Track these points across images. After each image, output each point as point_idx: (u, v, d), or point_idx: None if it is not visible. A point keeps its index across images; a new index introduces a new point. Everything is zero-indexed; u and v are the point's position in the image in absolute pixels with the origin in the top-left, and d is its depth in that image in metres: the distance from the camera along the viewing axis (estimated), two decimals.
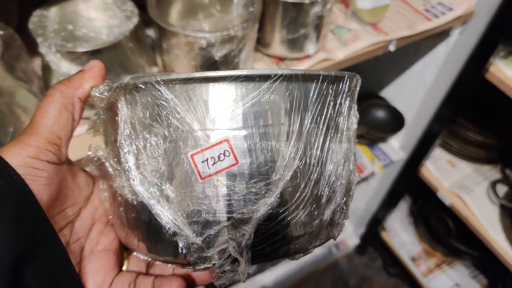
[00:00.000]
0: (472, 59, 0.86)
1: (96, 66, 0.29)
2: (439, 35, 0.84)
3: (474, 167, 1.16)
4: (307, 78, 0.25)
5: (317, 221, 0.27)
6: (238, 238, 0.24)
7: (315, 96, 0.26)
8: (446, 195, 1.08)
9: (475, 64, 0.86)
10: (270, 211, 0.25)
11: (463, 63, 0.88)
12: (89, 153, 0.30)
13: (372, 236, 1.47)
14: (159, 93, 0.24)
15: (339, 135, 0.28)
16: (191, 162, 0.24)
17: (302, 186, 0.26)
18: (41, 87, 0.53)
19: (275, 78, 0.24)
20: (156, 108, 0.24)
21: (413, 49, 0.94)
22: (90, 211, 0.31)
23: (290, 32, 0.61)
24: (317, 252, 1.46)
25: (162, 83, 0.24)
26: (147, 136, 0.25)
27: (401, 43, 0.73)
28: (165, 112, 0.24)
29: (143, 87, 0.24)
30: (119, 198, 0.28)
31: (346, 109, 0.28)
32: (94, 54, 0.47)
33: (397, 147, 1.14)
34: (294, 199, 0.26)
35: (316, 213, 0.27)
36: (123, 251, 0.33)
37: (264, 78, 0.24)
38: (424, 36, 0.75)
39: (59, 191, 0.27)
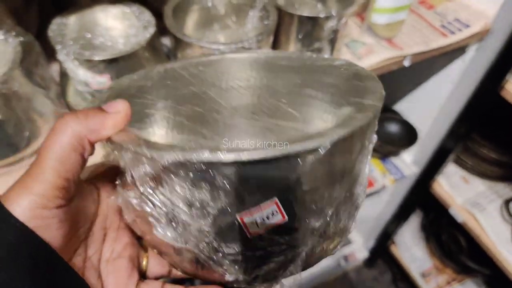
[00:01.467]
0: (488, 76, 0.86)
1: (121, 112, 0.25)
2: (455, 51, 0.84)
3: (488, 185, 1.14)
4: (346, 142, 0.24)
5: (339, 242, 0.30)
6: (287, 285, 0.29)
7: (353, 154, 0.26)
8: (459, 212, 1.07)
9: (491, 81, 0.85)
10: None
11: (479, 80, 0.87)
12: (118, 199, 0.28)
13: (382, 249, 1.45)
14: (200, 172, 0.23)
15: (369, 159, 0.29)
16: (241, 223, 0.24)
17: (331, 228, 0.27)
18: (58, 93, 0.54)
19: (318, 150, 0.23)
20: (203, 183, 0.23)
21: (428, 64, 0.93)
22: (101, 222, 0.30)
23: (304, 45, 0.61)
24: (326, 264, 1.44)
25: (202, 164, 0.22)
26: (192, 199, 0.24)
27: (416, 58, 0.72)
28: (213, 185, 0.23)
29: (194, 165, 0.22)
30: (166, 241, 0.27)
31: (367, 157, 0.29)
32: (111, 62, 0.48)
33: (409, 162, 1.13)
34: (325, 236, 0.27)
35: (337, 240, 0.29)
36: (139, 253, 0.32)
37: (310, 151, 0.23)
38: (439, 52, 0.75)
39: (72, 223, 0.26)
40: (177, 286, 0.30)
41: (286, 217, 0.24)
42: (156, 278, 0.32)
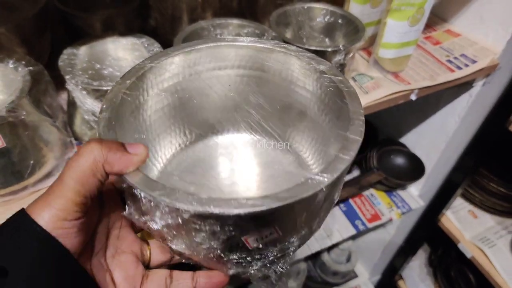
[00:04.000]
0: (495, 111, 0.85)
1: (139, 156, 0.28)
2: (462, 86, 0.84)
3: (498, 220, 1.12)
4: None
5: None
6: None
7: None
8: (468, 248, 1.04)
9: (498, 116, 0.85)
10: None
11: (486, 114, 0.87)
12: (135, 217, 0.30)
13: (388, 284, 1.41)
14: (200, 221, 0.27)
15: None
16: (244, 242, 0.29)
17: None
18: (65, 121, 0.54)
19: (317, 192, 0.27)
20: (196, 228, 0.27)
21: (435, 98, 0.94)
22: (104, 222, 0.32)
23: None
24: None
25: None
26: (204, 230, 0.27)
27: (423, 92, 0.72)
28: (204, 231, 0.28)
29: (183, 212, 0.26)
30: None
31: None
32: None
33: (416, 195, 1.11)
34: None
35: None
36: (142, 247, 0.34)
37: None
38: (446, 86, 0.75)
39: (87, 231, 0.29)
40: (184, 272, 0.34)
41: (281, 233, 0.29)
42: (159, 266, 0.35)
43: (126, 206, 0.31)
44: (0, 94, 0.51)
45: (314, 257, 1.41)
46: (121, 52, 0.56)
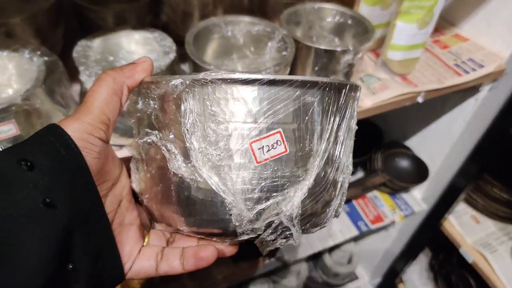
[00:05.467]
0: (501, 116, 0.86)
1: (147, 61, 0.32)
2: (468, 90, 0.84)
3: (500, 226, 1.12)
4: (339, 86, 0.31)
5: (333, 201, 0.33)
6: (288, 211, 0.30)
7: (343, 102, 0.31)
8: (469, 252, 1.05)
9: (504, 121, 0.85)
10: (308, 191, 0.30)
11: (491, 119, 0.87)
12: (138, 139, 0.33)
13: (389, 287, 1.42)
14: (224, 89, 0.28)
15: (350, 133, 0.34)
16: (250, 149, 0.29)
17: (328, 172, 0.32)
18: None
19: (321, 84, 0.29)
20: (221, 102, 0.29)
21: (441, 101, 0.94)
22: (119, 189, 0.34)
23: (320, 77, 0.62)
24: None
25: (228, 81, 0.28)
26: (211, 125, 0.29)
27: (430, 95, 0.73)
28: (228, 106, 0.29)
29: (211, 82, 0.28)
30: (173, 179, 0.31)
31: (356, 113, 0.34)
32: None
33: (419, 198, 1.11)
34: (322, 183, 0.31)
35: (333, 194, 0.33)
36: (143, 229, 0.36)
37: (313, 84, 0.29)
38: (453, 90, 0.76)
39: (103, 166, 0.30)
40: (174, 247, 0.34)
41: (288, 150, 0.29)
42: None
43: (140, 135, 0.33)
44: (15, 83, 0.52)
45: (315, 258, 1.42)
46: (134, 45, 0.57)
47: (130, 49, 0.57)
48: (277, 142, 0.29)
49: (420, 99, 0.72)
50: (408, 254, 1.27)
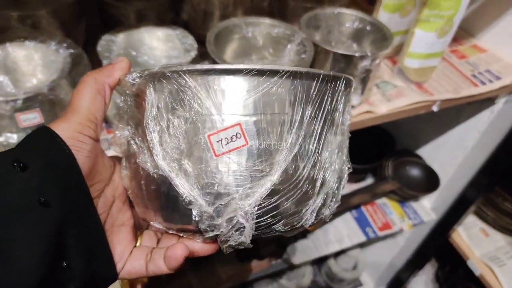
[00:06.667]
0: None
1: (124, 61, 0.33)
2: (484, 101, 0.84)
3: (509, 240, 1.11)
4: (309, 75, 0.29)
5: (311, 200, 0.31)
6: (245, 207, 0.28)
7: (315, 92, 0.30)
8: (476, 265, 1.04)
9: None
10: (273, 187, 0.29)
11: (506, 132, 0.87)
12: (116, 132, 0.34)
13: None
14: (184, 81, 0.28)
15: (334, 128, 0.32)
16: (208, 141, 0.28)
17: (301, 168, 0.30)
18: None
19: (283, 73, 0.28)
20: (180, 94, 0.28)
21: (456, 112, 0.94)
22: (112, 189, 0.34)
23: None
24: None
25: (187, 73, 0.28)
26: (171, 117, 0.29)
27: (445, 104, 0.73)
28: (187, 98, 0.28)
29: (170, 75, 0.28)
30: (141, 173, 0.31)
31: (341, 106, 0.32)
32: None
33: (428, 208, 1.11)
34: (293, 179, 0.30)
35: (311, 192, 0.31)
36: (137, 230, 0.36)
37: (273, 73, 0.28)
38: (468, 100, 0.76)
39: (94, 165, 0.31)
40: (161, 248, 0.34)
41: (249, 142, 0.28)
42: None
43: (130, 143, 0.33)
44: (40, 74, 0.54)
45: (320, 262, 1.42)
46: (156, 42, 0.58)
47: (152, 46, 0.58)
48: (236, 134, 0.28)
49: (435, 108, 0.72)
50: (414, 264, 1.26)
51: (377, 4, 0.71)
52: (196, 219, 0.29)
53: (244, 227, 0.29)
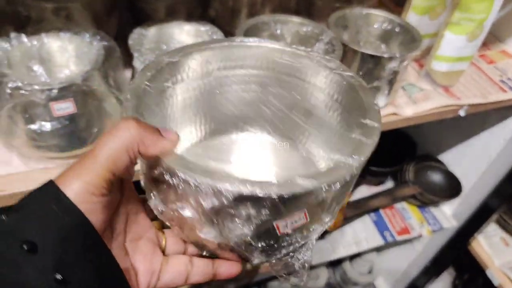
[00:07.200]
0: None
1: (173, 142, 0.28)
2: (511, 108, 0.83)
3: None
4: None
5: None
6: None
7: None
8: (496, 275, 1.02)
9: None
10: None
11: None
12: (149, 203, 0.32)
13: None
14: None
15: None
16: (276, 226, 0.29)
17: None
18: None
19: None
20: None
21: (482, 117, 0.92)
22: (124, 207, 0.32)
23: None
24: None
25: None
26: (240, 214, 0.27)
27: (472, 109, 0.72)
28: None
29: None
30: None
31: None
32: None
33: (449, 214, 1.09)
34: None
35: None
36: (157, 234, 0.35)
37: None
38: (496, 106, 0.74)
39: (110, 209, 0.29)
40: (204, 259, 0.34)
41: (309, 219, 0.30)
42: None
43: (151, 196, 0.31)
44: (72, 65, 0.55)
45: (335, 265, 1.41)
46: (185, 37, 0.59)
47: (182, 40, 0.58)
48: (300, 218, 0.29)
49: (462, 113, 0.71)
50: (431, 271, 1.24)
51: (406, 6, 0.70)
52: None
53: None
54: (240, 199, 0.25)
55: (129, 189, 0.33)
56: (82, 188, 0.25)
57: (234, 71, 0.41)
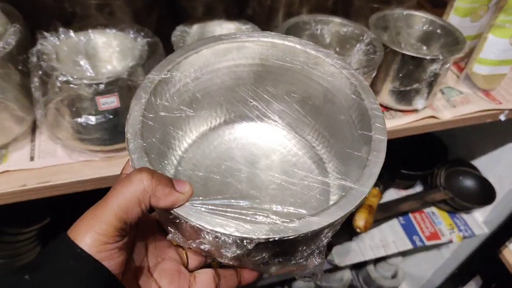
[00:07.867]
0: None
1: (185, 194, 0.28)
2: None
3: None
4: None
5: None
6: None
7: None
8: None
9: None
10: None
11: None
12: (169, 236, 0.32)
13: None
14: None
15: None
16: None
17: None
18: None
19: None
20: None
21: None
22: (141, 236, 0.33)
23: (402, 84, 0.61)
24: None
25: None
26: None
27: None
28: None
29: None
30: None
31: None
32: None
33: (481, 221, 1.07)
34: None
35: None
36: (178, 251, 0.35)
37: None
38: None
39: (128, 249, 0.29)
40: (228, 269, 0.34)
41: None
42: (197, 268, 0.35)
43: (170, 230, 0.31)
44: (115, 60, 0.56)
45: (359, 267, 1.40)
46: None
47: None
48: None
49: (502, 117, 0.69)
50: (458, 279, 1.22)
51: (447, 7, 0.69)
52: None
53: None
54: (258, 244, 0.26)
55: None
56: (95, 239, 0.25)
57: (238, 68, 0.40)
